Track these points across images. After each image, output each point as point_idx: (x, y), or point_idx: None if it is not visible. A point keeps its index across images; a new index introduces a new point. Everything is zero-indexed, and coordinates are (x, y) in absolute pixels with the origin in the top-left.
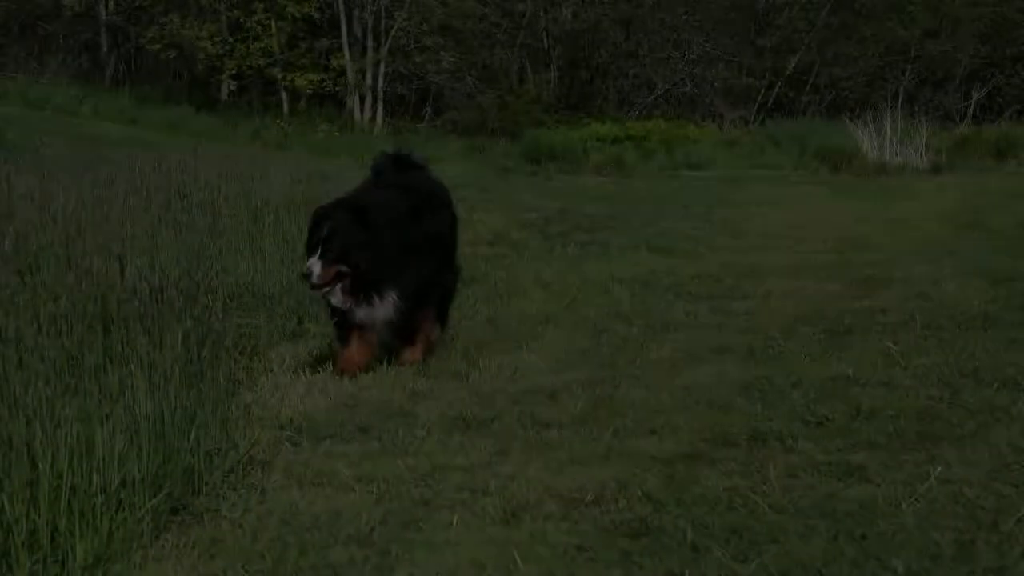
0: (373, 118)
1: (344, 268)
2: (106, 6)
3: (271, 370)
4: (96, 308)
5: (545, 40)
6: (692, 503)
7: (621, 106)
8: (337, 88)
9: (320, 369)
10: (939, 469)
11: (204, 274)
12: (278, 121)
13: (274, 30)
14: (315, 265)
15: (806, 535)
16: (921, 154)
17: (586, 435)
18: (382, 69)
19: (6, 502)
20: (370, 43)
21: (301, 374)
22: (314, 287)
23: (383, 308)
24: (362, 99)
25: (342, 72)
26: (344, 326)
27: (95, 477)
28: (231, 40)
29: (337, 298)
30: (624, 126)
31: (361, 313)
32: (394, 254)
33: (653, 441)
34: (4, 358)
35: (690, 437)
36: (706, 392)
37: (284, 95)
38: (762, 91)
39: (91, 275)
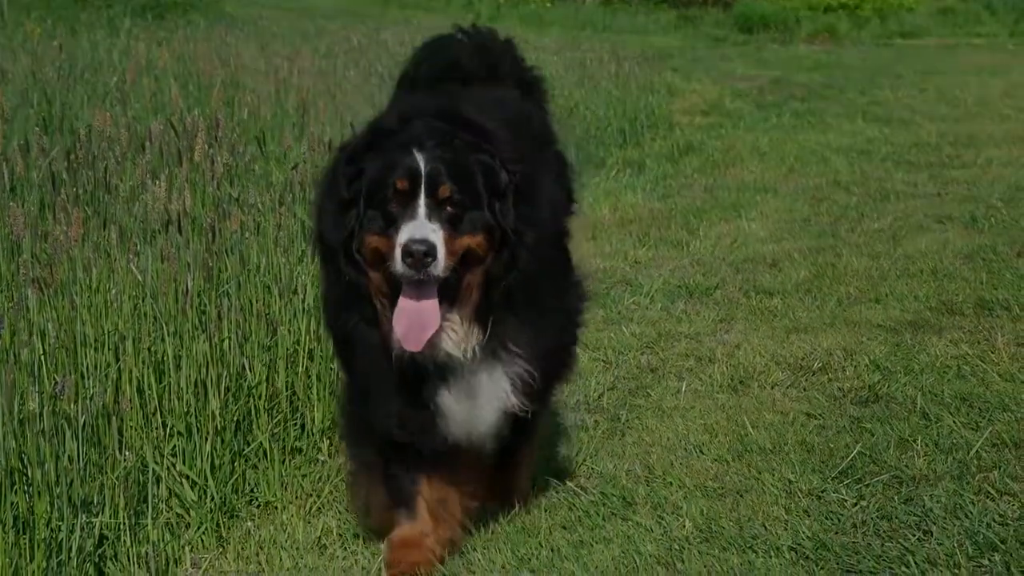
0: None
1: (480, 249)
2: None
3: None
4: None
5: None
6: (920, 371)
7: None
8: None
9: None
10: None
11: None
12: None
13: None
14: (430, 232)
15: None
16: None
17: (810, 303)
18: None
19: (247, 366)
20: None
21: None
22: (422, 283)
23: (501, 381)
24: None
25: None
26: (411, 451)
27: (329, 344)
28: None
29: (451, 340)
30: None
31: (465, 390)
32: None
33: (878, 309)
34: (243, 225)
35: (915, 306)
36: (929, 261)
37: None
38: None
39: (323, 144)
